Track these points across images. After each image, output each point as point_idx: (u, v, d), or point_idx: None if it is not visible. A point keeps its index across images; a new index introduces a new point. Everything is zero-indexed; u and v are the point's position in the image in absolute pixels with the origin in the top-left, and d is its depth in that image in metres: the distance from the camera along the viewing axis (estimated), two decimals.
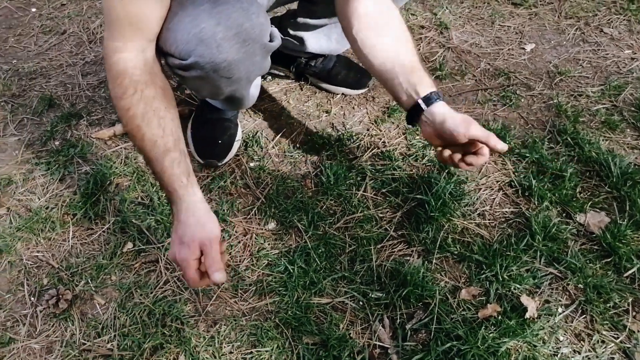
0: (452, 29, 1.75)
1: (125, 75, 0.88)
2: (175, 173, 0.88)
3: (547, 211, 1.23)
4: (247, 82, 1.10)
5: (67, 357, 1.07)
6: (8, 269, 1.22)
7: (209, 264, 0.83)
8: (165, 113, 0.90)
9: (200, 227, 0.87)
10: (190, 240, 0.85)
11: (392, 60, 1.00)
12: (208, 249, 0.84)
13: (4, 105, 1.61)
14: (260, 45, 0.99)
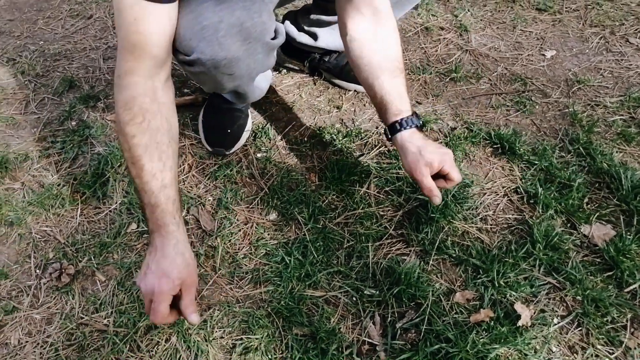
0: (471, 31, 1.73)
1: (135, 102, 0.87)
2: (170, 210, 0.87)
3: (551, 220, 1.21)
4: (249, 79, 1.11)
5: (65, 329, 1.11)
6: (17, 240, 1.26)
7: (186, 306, 0.85)
8: (168, 148, 0.89)
9: (186, 268, 0.87)
10: (175, 277, 0.84)
11: (373, 79, 1.05)
12: (189, 290, 0.86)
13: (27, 84, 1.66)
14: (261, 44, 1.00)
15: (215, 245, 1.22)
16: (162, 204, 0.87)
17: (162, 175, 0.88)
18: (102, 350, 1.07)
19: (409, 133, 1.03)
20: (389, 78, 1.04)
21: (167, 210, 0.87)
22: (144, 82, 0.89)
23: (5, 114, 1.57)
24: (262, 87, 1.33)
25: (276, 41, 1.05)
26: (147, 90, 0.89)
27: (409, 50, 1.68)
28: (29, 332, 1.11)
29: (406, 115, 1.03)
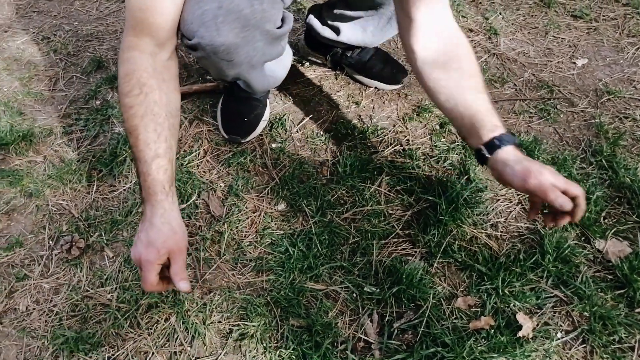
0: (501, 35, 1.69)
1: (134, 74, 0.89)
2: (160, 179, 0.88)
3: (564, 232, 1.17)
4: (249, 67, 1.10)
5: (70, 300, 1.14)
6: (35, 211, 1.31)
7: (176, 272, 0.85)
8: (164, 120, 0.90)
9: (173, 235, 0.87)
10: (161, 246, 0.85)
11: (456, 99, 0.97)
12: (177, 258, 0.86)
13: (59, 62, 1.71)
14: (260, 31, 1.00)
15: (222, 230, 1.23)
16: (153, 172, 0.88)
17: (155, 145, 0.88)
18: (103, 324, 1.10)
19: (512, 148, 0.91)
20: (474, 95, 0.96)
21: (157, 179, 0.88)
22: (145, 57, 0.91)
23: (35, 90, 1.63)
24: (276, 76, 1.33)
25: (279, 30, 1.04)
26: (146, 66, 0.91)
27: None
28: (37, 300, 1.15)
29: (503, 131, 0.93)
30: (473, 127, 0.94)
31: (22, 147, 1.45)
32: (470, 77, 0.98)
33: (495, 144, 0.91)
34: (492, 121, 0.93)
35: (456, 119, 0.98)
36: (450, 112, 0.99)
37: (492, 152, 0.91)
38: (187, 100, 1.54)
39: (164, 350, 1.06)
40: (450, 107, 0.98)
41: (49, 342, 1.08)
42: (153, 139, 0.88)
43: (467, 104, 0.96)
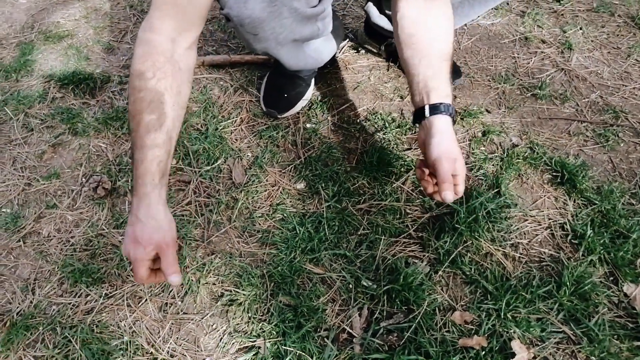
0: (575, 50, 1.57)
1: (150, 57, 0.87)
2: (152, 170, 0.85)
3: (590, 267, 1.06)
4: (277, 43, 1.08)
5: (86, 235, 1.21)
6: (77, 149, 1.39)
7: (166, 267, 0.83)
8: (170, 110, 0.87)
9: (158, 230, 0.84)
10: (147, 243, 0.83)
11: (422, 57, 0.97)
12: (165, 253, 0.84)
13: (131, 17, 1.81)
14: (288, 9, 0.98)
15: (238, 198, 1.25)
16: (147, 161, 0.85)
17: (156, 134, 0.85)
18: (109, 263, 1.15)
19: (449, 120, 0.94)
20: (438, 60, 0.96)
21: (149, 169, 0.85)
22: (164, 42, 0.88)
23: (104, 39, 1.73)
24: (317, 58, 1.31)
25: (312, 10, 1.02)
26: (164, 51, 0.88)
27: (498, 56, 1.56)
28: (59, 229, 1.23)
29: (451, 102, 0.95)
30: (426, 86, 0.95)
31: (80, 89, 1.54)
32: (443, 42, 0.98)
33: (440, 109, 0.93)
34: (446, 90, 0.95)
35: (415, 75, 0.98)
36: (412, 68, 0.98)
37: (433, 114, 0.94)
38: (237, 69, 1.57)
39: (156, 299, 1.10)
40: (413, 63, 0.98)
41: (58, 268, 1.15)
42: (155, 127, 0.85)
43: (431, 65, 0.96)
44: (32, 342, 1.04)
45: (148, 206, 0.85)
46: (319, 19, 1.10)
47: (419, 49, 0.97)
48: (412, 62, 0.98)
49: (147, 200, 0.85)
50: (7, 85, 1.59)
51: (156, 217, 0.85)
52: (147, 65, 0.87)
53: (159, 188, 0.86)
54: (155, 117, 0.85)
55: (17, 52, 1.70)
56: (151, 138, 0.85)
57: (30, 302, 1.10)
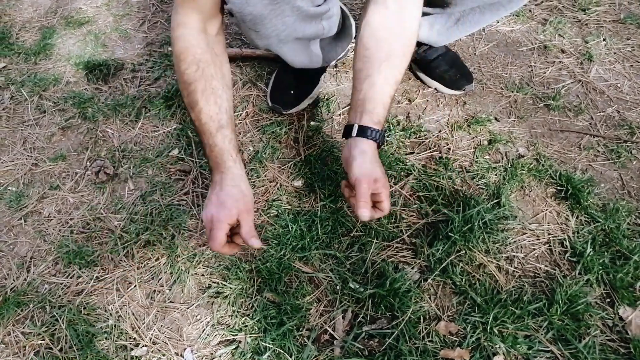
0: (596, 62, 1.51)
1: (188, 52, 0.94)
2: (227, 148, 0.93)
3: (586, 287, 1.03)
4: (279, 41, 1.08)
5: (84, 218, 1.23)
6: (84, 133, 1.42)
7: (247, 231, 0.89)
8: (222, 93, 0.95)
9: (242, 198, 0.91)
10: (232, 206, 0.89)
11: (369, 75, 0.97)
12: (246, 219, 0.90)
13: (150, 7, 1.83)
14: (290, 7, 0.98)
15: None
16: (219, 143, 0.93)
17: (218, 117, 0.93)
18: (104, 246, 1.17)
19: (374, 147, 0.95)
20: (382, 83, 0.95)
21: (224, 149, 0.93)
22: (195, 34, 0.94)
23: (122, 27, 1.76)
24: (322, 56, 1.30)
25: (315, 9, 1.01)
26: (199, 42, 0.94)
27: (514, 64, 1.52)
28: (59, 210, 1.25)
29: (381, 128, 0.95)
30: (363, 106, 0.95)
31: (94, 75, 1.57)
32: (393, 66, 0.97)
33: (367, 132, 0.94)
34: (379, 115, 0.95)
35: (357, 90, 0.98)
36: (356, 82, 0.98)
37: (359, 135, 0.94)
38: (248, 63, 1.57)
39: (145, 286, 1.11)
40: (359, 77, 0.98)
41: (55, 248, 1.17)
42: (215, 111, 0.93)
43: (373, 86, 0.95)
44: (21, 318, 1.07)
45: (233, 177, 0.92)
46: (324, 18, 1.09)
47: (367, 66, 0.97)
48: (358, 75, 0.98)
49: (231, 172, 0.93)
50: (25, 67, 1.63)
51: (240, 187, 0.92)
52: (189, 61, 0.93)
53: (238, 162, 0.94)
54: (212, 102, 0.93)
55: (39, 36, 1.75)
56: (216, 122, 0.93)
57: (24, 280, 1.13)
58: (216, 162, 0.93)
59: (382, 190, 0.91)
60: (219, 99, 0.94)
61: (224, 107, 0.94)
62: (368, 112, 0.95)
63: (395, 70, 0.97)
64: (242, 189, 0.92)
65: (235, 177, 0.93)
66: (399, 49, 0.97)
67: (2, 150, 1.40)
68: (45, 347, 1.03)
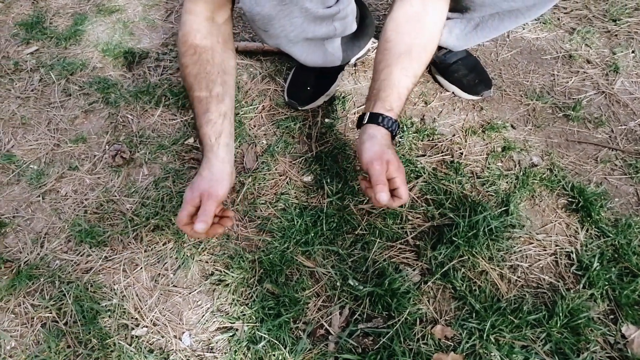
0: (622, 74, 1.47)
1: (189, 36, 0.98)
2: (207, 131, 0.94)
3: (590, 302, 1.00)
4: (288, 41, 1.10)
5: (98, 199, 1.27)
6: (106, 117, 1.46)
7: (199, 214, 0.88)
8: (216, 77, 0.97)
9: (208, 181, 0.91)
10: (195, 188, 0.91)
11: (387, 66, 0.97)
12: (205, 201, 0.89)
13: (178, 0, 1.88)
14: (299, 8, 0.99)
15: (245, 182, 1.27)
16: (203, 125, 0.95)
17: (206, 101, 0.95)
18: (114, 227, 1.21)
19: (385, 132, 0.94)
20: (399, 74, 0.96)
21: (205, 132, 0.95)
22: (200, 21, 0.98)
23: (150, 17, 1.80)
24: (338, 55, 1.30)
25: (325, 10, 1.02)
26: (201, 28, 0.98)
27: (536, 72, 1.50)
28: (76, 190, 1.29)
29: (394, 116, 0.95)
30: (377, 95, 0.96)
31: (119, 62, 1.62)
32: (413, 60, 0.97)
33: (378, 119, 0.94)
34: (392, 103, 0.95)
35: (374, 81, 0.99)
36: (376, 73, 1.00)
37: (370, 122, 0.95)
38: (269, 57, 1.59)
39: (151, 269, 1.14)
40: (378, 68, 0.99)
41: (68, 226, 1.22)
42: (205, 95, 0.95)
43: (389, 76, 0.96)
44: (32, 291, 1.11)
45: (207, 161, 0.94)
46: (336, 19, 1.09)
47: (386, 57, 0.97)
48: (377, 67, 0.99)
49: (207, 156, 0.94)
50: (56, 51, 1.69)
51: (212, 170, 0.93)
52: (188, 45, 0.97)
53: (215, 147, 0.94)
54: (204, 87, 0.95)
55: (71, 22, 1.80)
56: (204, 105, 0.95)
57: (37, 254, 1.17)
58: (201, 145, 0.96)
59: (397, 175, 0.89)
60: (210, 83, 0.96)
61: (215, 92, 0.96)
62: (381, 99, 0.95)
63: (415, 64, 0.97)
64: (213, 173, 0.92)
65: (210, 162, 0.93)
66: (420, 44, 0.98)
67: (28, 130, 1.46)
68: (52, 320, 1.07)
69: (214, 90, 0.96)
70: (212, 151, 0.94)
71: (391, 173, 0.89)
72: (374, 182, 0.88)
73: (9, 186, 1.32)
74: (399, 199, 0.89)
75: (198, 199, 0.90)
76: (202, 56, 0.97)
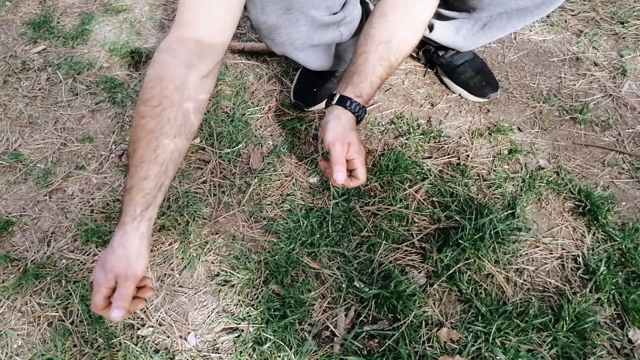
0: (629, 77, 1.47)
1: (159, 83, 0.83)
2: (135, 200, 0.82)
3: (596, 306, 1.00)
4: (294, 48, 1.10)
5: (105, 199, 1.27)
6: (112, 117, 1.47)
7: (115, 299, 0.79)
8: (169, 142, 0.84)
9: (125, 261, 0.81)
10: (109, 270, 0.80)
11: (364, 50, 0.96)
12: (122, 284, 0.79)
13: None
14: (305, 16, 0.99)
15: (251, 183, 1.27)
16: (133, 191, 0.82)
17: (148, 166, 0.82)
18: None
19: (351, 117, 0.94)
20: (375, 62, 0.95)
21: (133, 199, 0.82)
22: (178, 67, 0.85)
23: (157, 17, 1.81)
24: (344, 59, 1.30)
25: (329, 18, 1.03)
26: (176, 77, 0.84)
27: (543, 74, 1.49)
28: (82, 190, 1.30)
29: (362, 102, 0.95)
30: (351, 79, 0.96)
31: (126, 62, 1.62)
32: (389, 51, 0.96)
33: (346, 103, 0.94)
34: (363, 90, 0.95)
35: (352, 64, 0.98)
36: (354, 56, 0.98)
37: (337, 103, 0.94)
38: (275, 58, 1.59)
39: (157, 269, 1.14)
40: (357, 52, 0.98)
41: (75, 226, 1.22)
42: (150, 158, 0.82)
43: (365, 63, 0.95)
44: (38, 289, 1.12)
45: (122, 235, 0.82)
46: (342, 24, 1.10)
47: (367, 43, 0.96)
48: (357, 50, 0.98)
49: (123, 229, 0.82)
50: (63, 50, 1.70)
51: (126, 247, 0.81)
52: (154, 93, 0.83)
53: (138, 220, 0.82)
54: (152, 148, 0.82)
55: (78, 21, 1.81)
56: (143, 169, 0.82)
57: (44, 253, 1.18)
58: (121, 211, 0.84)
59: (356, 157, 0.91)
60: (160, 148, 0.83)
61: (161, 158, 0.83)
62: (353, 84, 0.95)
63: (392, 55, 0.96)
64: (127, 251, 0.81)
65: (126, 235, 0.81)
66: (402, 36, 0.97)
67: (35, 129, 1.46)
68: (58, 319, 1.07)
69: (160, 157, 0.83)
70: (132, 224, 0.82)
71: (351, 154, 0.91)
72: (333, 162, 0.89)
73: (16, 185, 1.32)
74: (357, 179, 0.92)
75: (113, 280, 0.80)
76: (165, 112, 0.83)
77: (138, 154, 0.82)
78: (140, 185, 0.82)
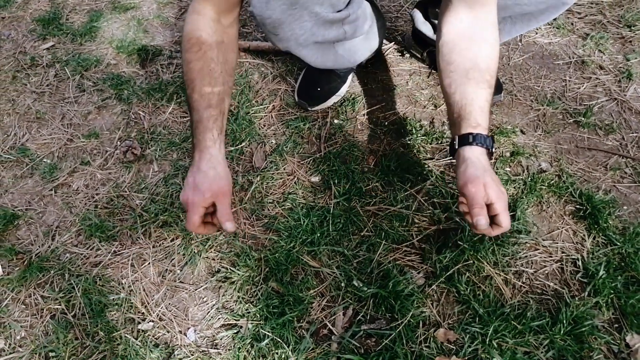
0: (635, 81, 1.46)
1: (194, 33, 0.96)
2: (209, 126, 0.93)
3: (594, 309, 1.00)
4: (297, 44, 1.11)
5: (109, 194, 1.29)
6: (118, 113, 1.48)
7: (221, 215, 0.89)
8: (219, 76, 0.96)
9: (218, 180, 0.91)
10: (206, 189, 0.89)
11: (457, 87, 0.95)
12: (221, 201, 0.90)
13: None
14: (308, 12, 1.00)
15: (253, 181, 1.28)
16: (204, 120, 0.93)
17: (209, 96, 0.94)
18: (124, 223, 1.23)
19: (480, 151, 0.90)
20: (474, 88, 0.93)
21: (207, 127, 0.93)
22: (206, 21, 0.97)
23: (164, 15, 1.82)
24: (348, 57, 1.31)
25: (333, 15, 1.03)
26: (207, 27, 0.97)
27: (547, 77, 1.49)
28: (87, 185, 1.32)
29: (483, 131, 0.91)
30: (459, 117, 0.93)
31: (132, 59, 1.64)
32: (480, 71, 0.94)
33: (468, 139, 0.90)
34: (477, 119, 0.91)
35: (450, 105, 0.97)
36: (449, 97, 0.97)
37: (461, 145, 0.91)
38: (280, 57, 1.60)
39: (158, 264, 1.16)
40: (449, 92, 0.96)
41: (79, 220, 1.24)
42: (207, 90, 0.94)
43: (464, 94, 0.93)
44: (42, 282, 1.13)
45: (210, 158, 0.92)
46: (346, 22, 1.10)
47: (455, 77, 0.95)
48: (448, 91, 0.96)
49: (209, 152, 0.92)
50: (71, 47, 1.72)
51: (217, 168, 0.92)
52: (193, 42, 0.96)
53: (218, 143, 0.94)
54: (206, 82, 0.94)
55: (87, 18, 1.83)
56: (206, 100, 0.94)
57: (48, 247, 1.20)
58: (197, 140, 0.94)
59: (496, 201, 0.84)
60: (213, 80, 0.95)
61: (216, 89, 0.95)
62: (465, 119, 0.91)
63: (486, 74, 0.94)
64: (218, 171, 0.92)
65: (213, 157, 0.92)
66: (484, 54, 0.95)
67: (42, 124, 1.48)
68: (61, 312, 1.09)
69: (216, 88, 0.95)
70: (214, 147, 0.93)
71: (490, 198, 0.85)
72: (470, 205, 0.85)
73: (23, 179, 1.34)
74: (499, 227, 0.85)
75: (210, 199, 0.89)
76: (207, 53, 0.96)
77: (197, 91, 0.94)
78: (208, 113, 0.93)
